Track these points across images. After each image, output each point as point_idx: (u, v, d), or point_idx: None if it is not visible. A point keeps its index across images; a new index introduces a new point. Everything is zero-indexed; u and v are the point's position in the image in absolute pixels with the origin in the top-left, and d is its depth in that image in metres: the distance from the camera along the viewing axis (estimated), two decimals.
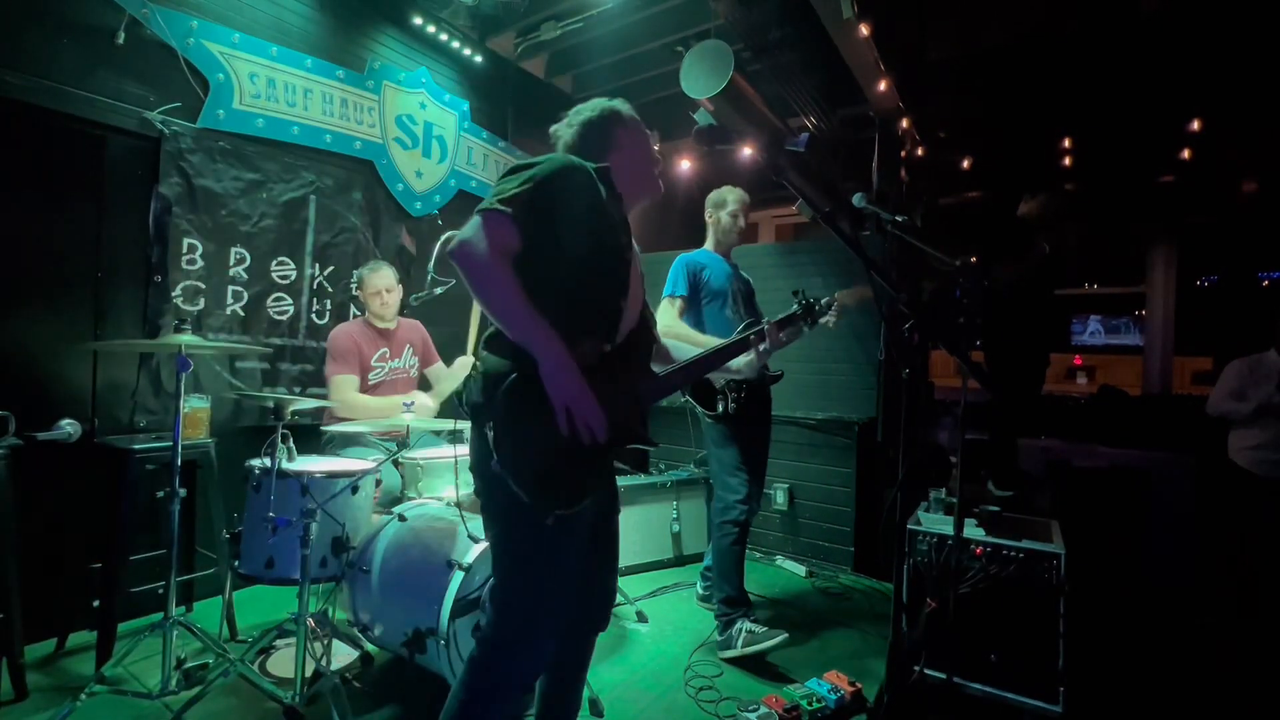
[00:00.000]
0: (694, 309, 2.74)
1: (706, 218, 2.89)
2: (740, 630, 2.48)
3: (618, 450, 1.42)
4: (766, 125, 4.06)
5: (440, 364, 3.17)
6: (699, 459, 4.08)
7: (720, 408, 2.57)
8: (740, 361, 2.52)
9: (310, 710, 1.89)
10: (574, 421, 1.25)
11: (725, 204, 2.85)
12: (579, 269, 1.37)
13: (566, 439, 1.26)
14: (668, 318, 2.67)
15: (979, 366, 1.57)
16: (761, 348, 2.01)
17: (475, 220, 1.28)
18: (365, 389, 2.82)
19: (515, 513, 1.28)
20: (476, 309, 3.96)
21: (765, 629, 2.48)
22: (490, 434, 1.25)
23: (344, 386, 2.76)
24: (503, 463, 1.24)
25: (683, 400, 2.71)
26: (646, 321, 1.57)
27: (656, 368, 1.62)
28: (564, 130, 1.57)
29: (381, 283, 2.90)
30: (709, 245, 2.87)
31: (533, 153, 4.94)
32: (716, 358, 1.72)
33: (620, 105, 1.58)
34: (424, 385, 3.13)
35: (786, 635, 2.46)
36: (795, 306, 2.13)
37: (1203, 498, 3.71)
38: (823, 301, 2.23)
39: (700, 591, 3.07)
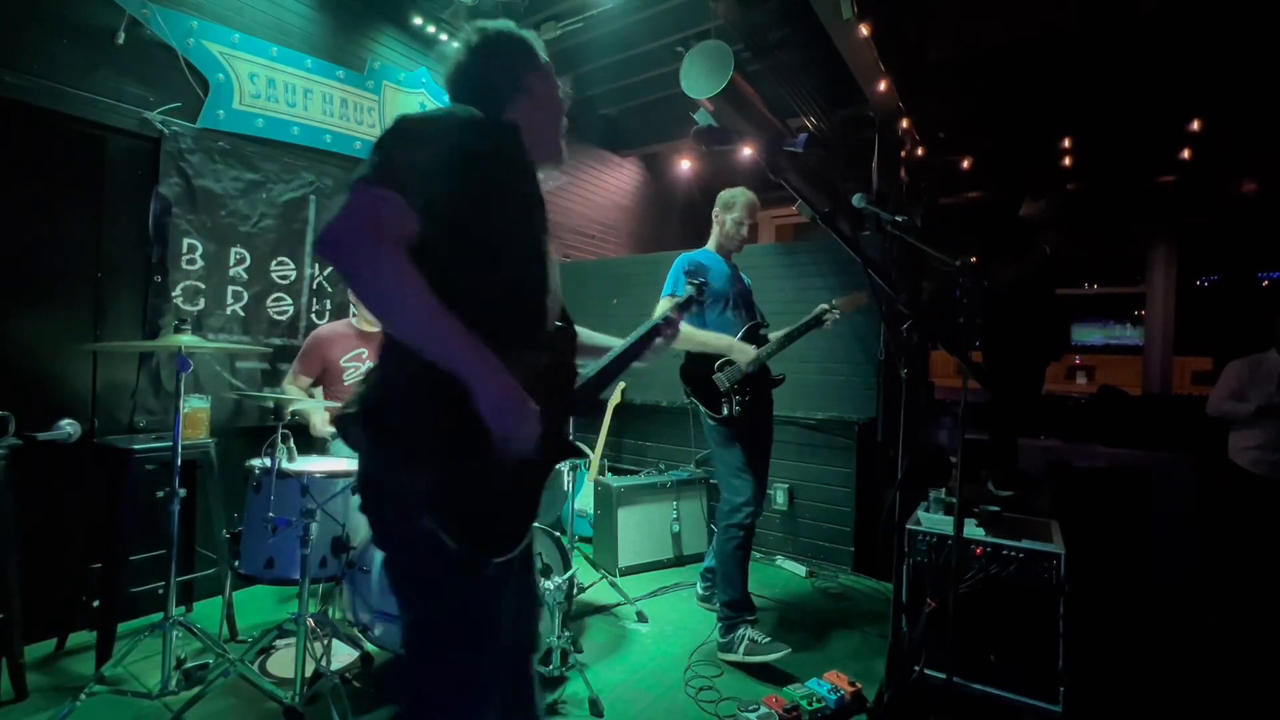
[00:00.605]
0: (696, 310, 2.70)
1: (713, 216, 2.80)
2: (743, 637, 2.45)
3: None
4: (766, 125, 4.06)
5: None
6: (699, 459, 4.08)
7: (725, 410, 2.54)
8: (745, 357, 2.52)
9: (310, 710, 1.89)
10: (518, 453, 0.99)
11: (733, 208, 2.75)
12: (502, 261, 1.06)
13: (504, 472, 1.01)
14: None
15: (979, 366, 1.57)
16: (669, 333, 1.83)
17: (353, 197, 0.92)
18: (340, 388, 2.78)
19: (447, 572, 1.00)
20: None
21: (768, 640, 2.43)
22: (410, 480, 0.96)
23: (287, 378, 2.79)
24: (435, 516, 0.95)
25: (686, 401, 2.69)
26: (568, 316, 1.29)
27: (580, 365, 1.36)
28: (459, 54, 1.20)
29: None
30: (710, 245, 2.81)
31: None
32: (636, 348, 1.48)
33: (533, 38, 1.23)
34: None
35: (789, 650, 2.41)
36: (690, 290, 1.96)
37: (1203, 498, 3.70)
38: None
39: (700, 591, 3.07)
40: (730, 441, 2.60)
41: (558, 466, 2.85)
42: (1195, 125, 5.03)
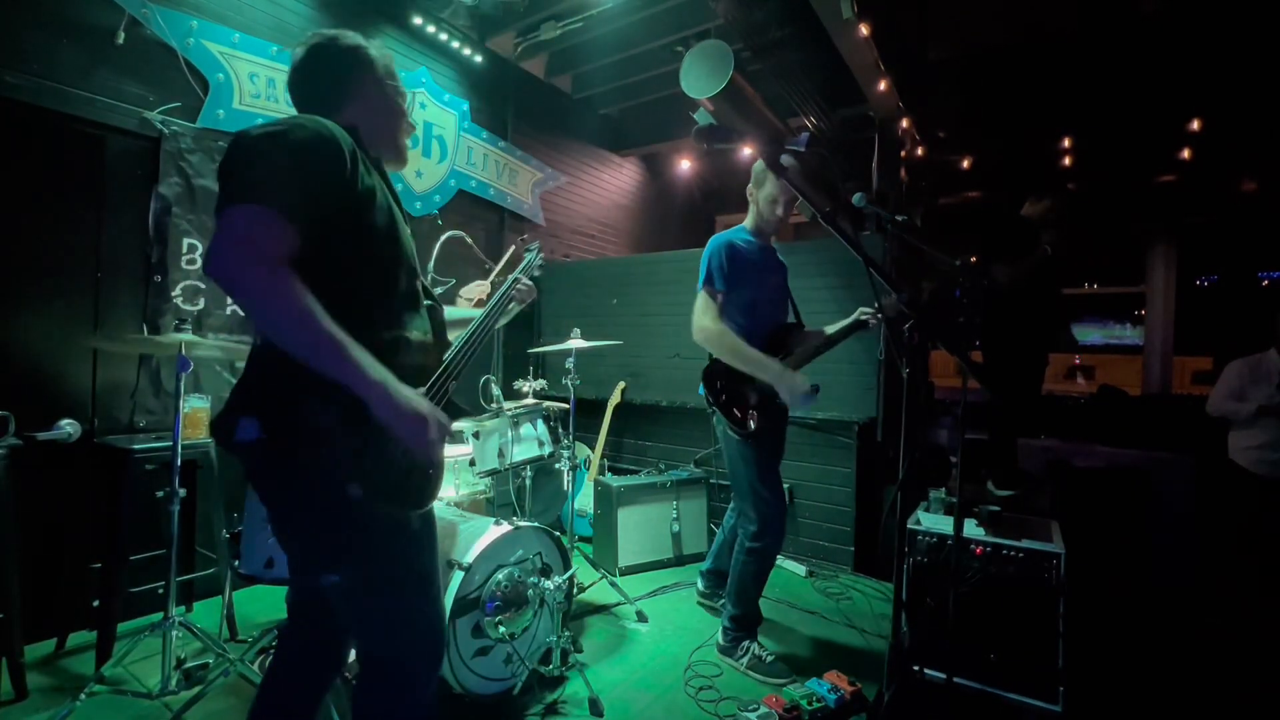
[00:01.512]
0: (731, 298, 2.39)
1: (747, 194, 2.53)
2: (748, 650, 2.42)
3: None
4: (766, 125, 4.06)
5: None
6: (699, 459, 4.08)
7: (751, 425, 2.34)
8: (790, 393, 2.24)
9: None
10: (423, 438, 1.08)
11: (763, 184, 2.45)
12: (374, 257, 1.15)
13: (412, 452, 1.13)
14: (707, 318, 2.33)
15: (979, 366, 1.57)
16: (521, 292, 1.74)
17: (231, 221, 0.95)
18: None
19: (376, 529, 1.14)
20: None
21: (774, 660, 2.38)
22: (323, 458, 1.06)
23: None
24: (359, 484, 1.07)
25: (708, 409, 2.46)
26: (433, 294, 1.37)
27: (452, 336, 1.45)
28: (294, 62, 1.29)
29: None
30: (748, 224, 2.52)
31: (535, 154, 4.99)
32: (491, 320, 1.53)
33: (364, 44, 1.31)
34: None
35: (794, 679, 2.32)
36: (529, 255, 1.92)
37: (1203, 498, 3.70)
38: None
39: (701, 589, 3.05)
40: (754, 457, 2.40)
41: (556, 466, 2.85)
42: (1195, 125, 5.03)
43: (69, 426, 2.04)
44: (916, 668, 2.00)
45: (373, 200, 1.14)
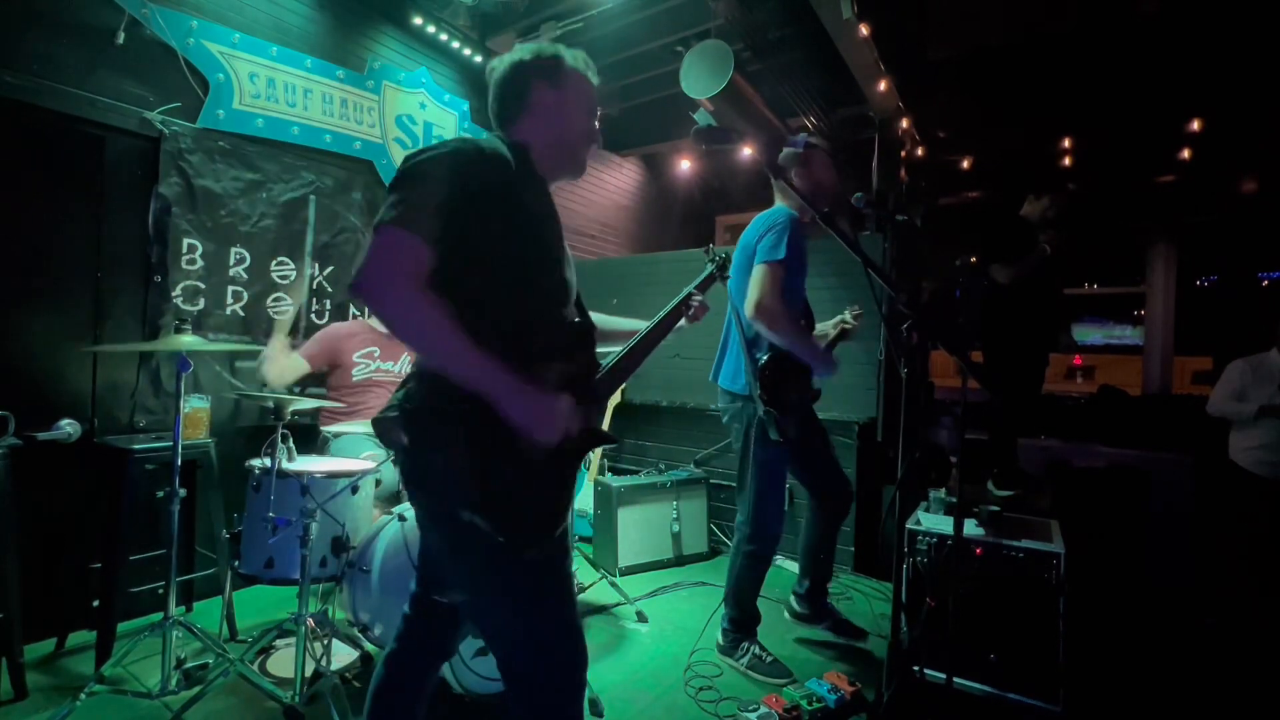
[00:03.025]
0: (790, 281, 2.22)
1: (782, 180, 2.34)
2: (748, 651, 2.42)
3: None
4: (766, 125, 4.06)
5: None
6: (699, 459, 4.08)
7: (789, 431, 2.23)
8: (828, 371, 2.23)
9: (310, 710, 1.89)
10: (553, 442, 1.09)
11: (810, 163, 2.31)
12: (519, 283, 1.15)
13: (538, 466, 1.11)
14: (773, 294, 2.12)
15: (979, 366, 1.57)
16: (695, 313, 1.70)
17: (374, 242, 1.03)
18: (346, 385, 2.79)
19: (491, 557, 1.11)
20: None
21: (774, 661, 2.38)
22: (450, 477, 1.08)
23: (273, 344, 2.62)
24: (473, 509, 1.06)
25: (762, 412, 2.25)
26: (585, 310, 1.35)
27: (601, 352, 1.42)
28: (489, 86, 1.30)
29: None
30: (791, 205, 2.33)
31: None
32: (656, 335, 1.49)
33: (541, 57, 1.27)
34: None
35: (793, 679, 2.33)
36: (710, 266, 1.85)
37: (1203, 498, 3.70)
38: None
39: (796, 609, 2.72)
40: (781, 464, 2.38)
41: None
42: (1195, 125, 5.03)
43: (69, 426, 2.04)
44: (916, 668, 2.00)
45: (521, 229, 1.15)
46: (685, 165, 6.16)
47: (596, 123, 1.34)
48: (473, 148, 1.13)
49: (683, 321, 1.64)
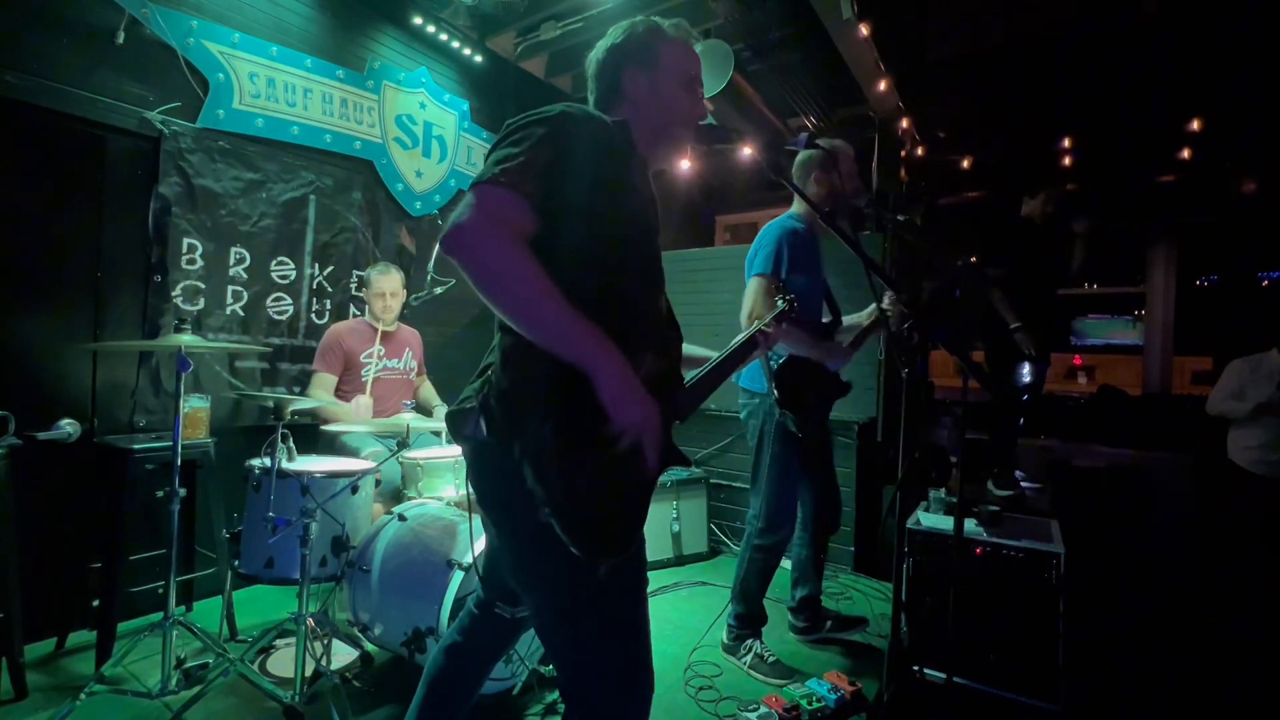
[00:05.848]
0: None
1: (800, 180, 2.40)
2: (750, 649, 2.42)
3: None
4: (766, 125, 4.06)
5: (429, 385, 3.24)
6: (699, 459, 4.07)
7: (808, 427, 2.26)
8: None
9: (310, 710, 1.89)
10: (638, 449, 0.99)
11: (838, 161, 2.29)
12: (618, 260, 1.07)
13: (621, 471, 1.02)
14: (761, 307, 2.13)
15: (979, 366, 1.57)
16: (764, 346, 1.72)
17: (470, 199, 0.96)
18: (359, 386, 2.82)
19: (564, 561, 1.00)
20: None
21: (775, 660, 2.39)
22: (529, 474, 0.97)
23: (318, 384, 2.83)
24: (551, 510, 0.97)
25: (780, 413, 2.28)
26: (675, 320, 1.28)
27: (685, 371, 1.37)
28: (589, 69, 1.25)
29: (387, 285, 2.93)
30: (798, 209, 2.41)
31: None
32: (734, 359, 1.48)
33: (630, 30, 1.23)
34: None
35: (795, 680, 2.32)
36: (781, 304, 1.77)
37: (1203, 498, 3.71)
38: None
39: (795, 623, 2.72)
40: (803, 460, 2.37)
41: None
42: (1195, 125, 5.03)
43: (69, 426, 2.04)
44: (916, 668, 2.00)
45: (624, 204, 1.09)
46: (685, 165, 6.16)
47: (701, 93, 1.26)
48: (581, 111, 1.07)
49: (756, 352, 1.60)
